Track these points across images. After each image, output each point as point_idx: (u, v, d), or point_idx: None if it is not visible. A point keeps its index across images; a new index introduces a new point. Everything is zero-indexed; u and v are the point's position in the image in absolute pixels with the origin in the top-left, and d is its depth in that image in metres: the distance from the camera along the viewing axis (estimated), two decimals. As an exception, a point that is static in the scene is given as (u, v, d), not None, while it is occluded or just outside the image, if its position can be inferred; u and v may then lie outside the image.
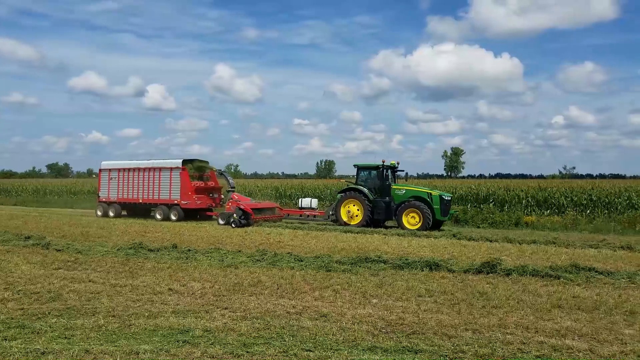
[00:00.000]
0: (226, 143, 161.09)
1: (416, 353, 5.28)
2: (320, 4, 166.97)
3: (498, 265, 9.74)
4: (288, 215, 22.34)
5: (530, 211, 24.34)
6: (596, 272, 9.48)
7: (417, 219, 18.32)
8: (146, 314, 6.58)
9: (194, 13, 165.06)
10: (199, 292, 7.92)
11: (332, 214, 20.36)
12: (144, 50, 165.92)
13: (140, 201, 23.72)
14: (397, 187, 19.65)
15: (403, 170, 21.01)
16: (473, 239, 15.30)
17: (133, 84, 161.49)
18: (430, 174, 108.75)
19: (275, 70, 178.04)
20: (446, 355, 5.22)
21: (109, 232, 16.75)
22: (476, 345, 5.50)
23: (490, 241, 14.95)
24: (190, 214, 22.40)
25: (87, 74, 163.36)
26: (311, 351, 5.28)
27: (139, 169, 23.74)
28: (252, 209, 20.09)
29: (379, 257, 10.75)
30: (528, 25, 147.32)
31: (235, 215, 19.40)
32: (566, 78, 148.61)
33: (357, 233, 16.98)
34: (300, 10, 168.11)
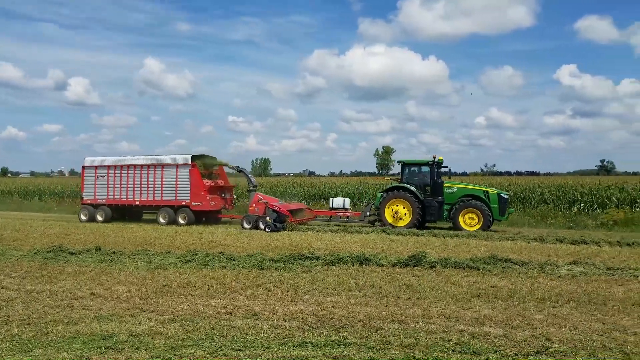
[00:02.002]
0: (157, 140, 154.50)
1: (345, 346, 5.42)
2: (257, 1, 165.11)
3: (423, 258, 10.21)
4: (317, 216, 20.62)
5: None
6: (512, 262, 10.21)
7: (476, 219, 17.21)
8: (65, 321, 6.24)
9: (125, 5, 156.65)
10: (124, 295, 7.62)
11: (370, 215, 19.03)
12: (67, 42, 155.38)
13: (137, 203, 20.74)
14: (449, 185, 18.17)
15: (447, 167, 19.15)
16: (401, 234, 15.88)
17: (53, 76, 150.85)
18: (362, 171, 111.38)
19: (210, 66, 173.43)
20: (373, 347, 5.40)
21: (25, 235, 15.63)
22: (402, 336, 5.74)
23: (417, 236, 15.61)
24: (198, 217, 20.10)
25: (2, 65, 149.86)
26: (241, 350, 5.27)
27: (134, 166, 20.72)
28: (287, 210, 18.32)
29: (312, 254, 10.89)
30: (453, 29, 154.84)
31: (268, 217, 17.57)
32: (488, 81, 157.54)
33: (291, 231, 17.05)
34: (236, 7, 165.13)
